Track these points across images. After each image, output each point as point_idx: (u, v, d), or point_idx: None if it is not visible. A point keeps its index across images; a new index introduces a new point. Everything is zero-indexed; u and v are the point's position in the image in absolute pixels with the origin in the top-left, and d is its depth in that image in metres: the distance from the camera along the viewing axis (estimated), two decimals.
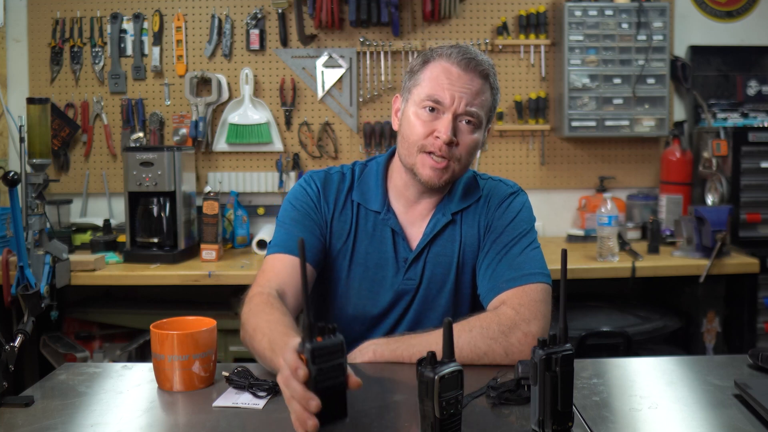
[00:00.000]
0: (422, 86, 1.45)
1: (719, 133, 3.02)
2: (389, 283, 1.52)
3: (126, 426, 1.09)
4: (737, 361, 1.36)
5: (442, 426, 0.93)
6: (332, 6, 3.11)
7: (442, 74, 1.43)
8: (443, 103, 1.42)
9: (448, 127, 1.41)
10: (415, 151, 1.45)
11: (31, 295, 1.51)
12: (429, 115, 1.43)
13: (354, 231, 1.53)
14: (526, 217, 1.53)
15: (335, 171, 1.59)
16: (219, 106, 3.26)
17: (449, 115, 1.42)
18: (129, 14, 3.23)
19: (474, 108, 1.43)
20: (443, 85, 1.42)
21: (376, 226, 1.53)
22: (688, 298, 2.86)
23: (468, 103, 1.42)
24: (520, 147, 3.33)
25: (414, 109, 1.45)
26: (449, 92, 1.42)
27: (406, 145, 1.47)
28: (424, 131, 1.43)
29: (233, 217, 3.10)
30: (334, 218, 1.54)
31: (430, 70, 1.45)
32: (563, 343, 1.00)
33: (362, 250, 1.53)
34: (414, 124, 1.45)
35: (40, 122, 2.53)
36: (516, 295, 1.39)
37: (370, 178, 1.56)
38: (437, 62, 1.45)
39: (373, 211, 1.54)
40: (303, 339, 0.95)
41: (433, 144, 1.43)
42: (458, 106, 1.42)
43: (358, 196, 1.55)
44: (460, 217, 1.54)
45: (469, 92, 1.42)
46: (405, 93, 1.51)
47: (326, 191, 1.55)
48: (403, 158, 1.49)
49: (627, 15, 3.12)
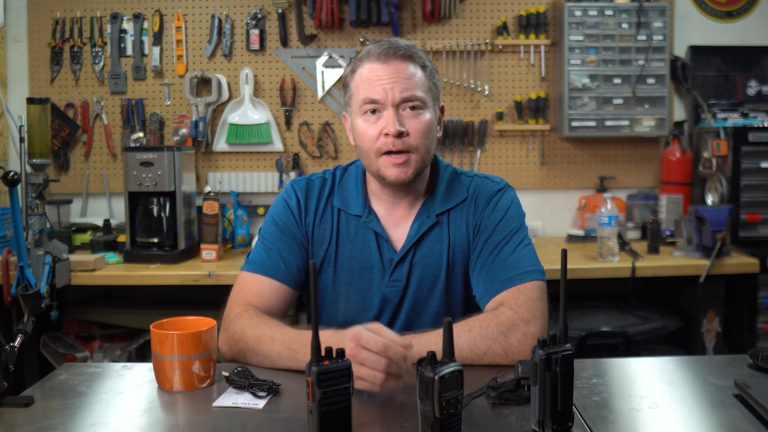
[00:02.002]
0: (357, 93, 1.46)
1: (719, 133, 3.02)
2: (376, 286, 1.52)
3: (126, 426, 1.09)
4: (737, 361, 1.36)
5: (441, 426, 0.93)
6: (332, 6, 3.11)
7: (369, 74, 1.44)
8: (378, 100, 1.43)
9: (391, 120, 1.42)
10: (374, 157, 1.45)
11: (31, 295, 1.51)
12: (373, 117, 1.44)
13: (336, 236, 1.53)
14: (515, 214, 1.52)
15: (317, 177, 1.59)
16: (219, 106, 3.26)
17: (390, 110, 1.42)
18: (129, 14, 3.23)
19: (410, 92, 1.43)
20: (372, 83, 1.43)
21: (358, 230, 1.53)
22: (688, 298, 2.86)
23: (401, 89, 1.42)
24: (520, 147, 3.33)
25: (358, 118, 1.47)
26: (380, 87, 1.42)
27: (364, 154, 1.48)
28: (373, 134, 1.44)
29: (233, 217, 3.11)
30: (315, 226, 1.54)
31: (358, 76, 1.46)
32: (563, 343, 1.00)
33: (346, 255, 1.53)
34: (363, 131, 1.45)
35: (40, 122, 2.53)
36: (513, 296, 1.39)
37: (350, 183, 1.57)
38: (361, 66, 1.46)
39: (354, 215, 1.53)
40: (309, 362, 0.96)
41: (386, 143, 1.43)
42: (393, 96, 1.42)
43: (339, 201, 1.55)
44: (446, 218, 1.53)
45: (398, 79, 1.42)
46: (347, 108, 1.52)
47: (307, 201, 1.55)
48: (368, 168, 1.50)
49: (627, 15, 3.12)
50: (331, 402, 0.95)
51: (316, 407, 0.94)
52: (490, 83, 3.28)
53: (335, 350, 0.96)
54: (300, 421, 1.06)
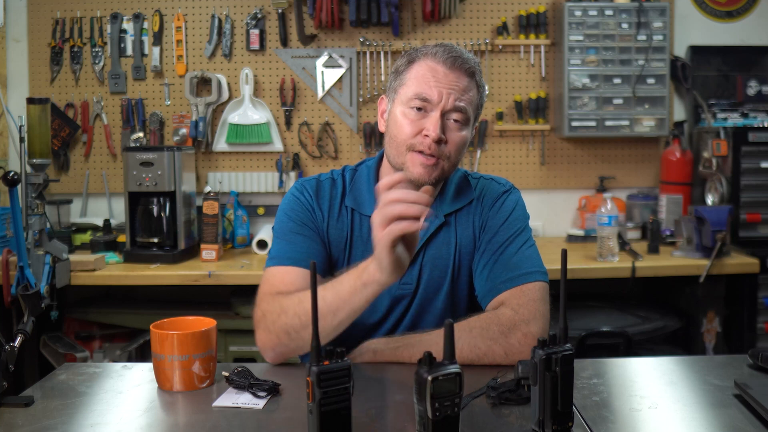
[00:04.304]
0: (408, 85, 1.44)
1: (719, 133, 3.02)
2: (386, 289, 1.51)
3: (126, 426, 1.09)
4: (737, 361, 1.36)
5: (435, 427, 0.93)
6: (332, 6, 3.11)
7: (428, 72, 1.42)
8: (431, 100, 1.41)
9: (436, 124, 1.40)
10: (404, 151, 1.43)
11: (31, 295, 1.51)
12: (417, 114, 1.42)
13: (350, 238, 1.52)
14: (520, 215, 1.52)
15: (326, 177, 1.57)
16: (219, 106, 3.26)
17: (437, 113, 1.40)
18: (129, 14, 3.23)
19: (462, 104, 1.42)
20: (430, 83, 1.41)
21: (371, 231, 1.52)
22: (688, 298, 2.86)
23: (456, 99, 1.41)
24: (520, 147, 3.33)
25: (401, 108, 1.44)
26: (436, 90, 1.41)
27: (394, 145, 1.45)
28: (412, 130, 1.42)
29: (233, 217, 3.11)
30: (329, 226, 1.52)
31: (416, 69, 1.44)
32: (563, 343, 1.00)
33: (359, 256, 1.51)
34: (402, 124, 1.43)
35: (40, 122, 2.53)
36: (514, 296, 1.39)
37: (362, 183, 1.55)
38: (423, 61, 1.44)
39: (367, 216, 1.51)
40: (310, 362, 0.96)
41: (422, 143, 1.41)
42: (446, 102, 1.41)
43: (352, 201, 1.53)
44: (454, 219, 1.53)
45: (457, 89, 1.41)
46: (391, 93, 1.49)
47: (319, 199, 1.53)
48: (392, 159, 1.47)
49: (627, 15, 3.12)
50: (331, 402, 0.95)
51: (316, 407, 0.94)
52: (490, 83, 3.28)
53: (335, 350, 0.96)
54: (300, 421, 1.07)
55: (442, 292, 1.51)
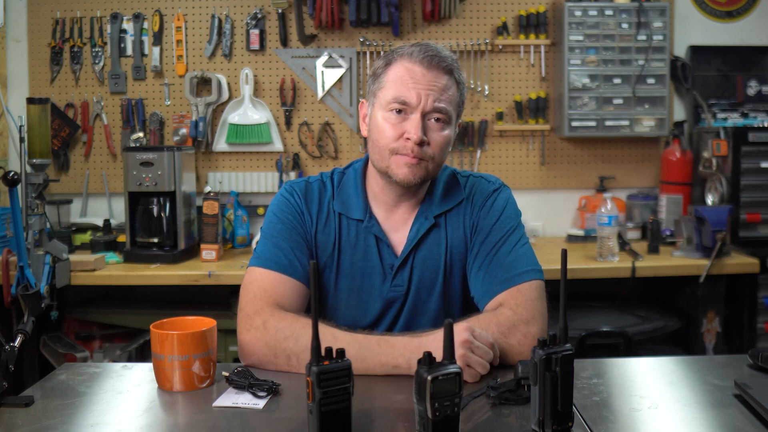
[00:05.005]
0: (387, 88, 1.43)
1: (719, 133, 3.02)
2: (377, 292, 1.50)
3: (126, 426, 1.09)
4: (737, 361, 1.36)
5: (434, 427, 0.93)
6: (332, 6, 3.11)
7: (405, 74, 1.41)
8: (410, 103, 1.40)
9: (417, 127, 1.39)
10: (387, 155, 1.42)
11: (31, 295, 1.51)
12: (397, 117, 1.41)
13: (338, 242, 1.51)
14: (511, 214, 1.52)
15: (315, 180, 1.56)
16: (219, 106, 3.26)
17: (417, 115, 1.40)
18: (129, 14, 3.23)
19: (442, 104, 1.41)
20: (408, 84, 1.40)
21: (359, 235, 1.51)
22: (688, 298, 2.86)
23: (435, 99, 1.40)
24: (520, 147, 3.33)
25: (381, 113, 1.43)
26: (415, 91, 1.40)
27: (377, 149, 1.44)
28: (393, 134, 1.41)
29: (233, 217, 3.11)
30: (318, 230, 1.51)
31: (394, 71, 1.43)
32: (563, 343, 1.00)
33: (347, 261, 1.51)
34: (383, 128, 1.42)
35: (40, 122, 2.53)
36: (512, 296, 1.39)
37: (349, 187, 1.54)
38: (400, 62, 1.43)
39: (355, 219, 1.51)
40: (310, 362, 0.96)
41: (404, 146, 1.40)
42: (425, 104, 1.40)
43: (339, 205, 1.52)
44: (444, 220, 1.52)
45: (435, 89, 1.40)
46: (370, 97, 1.48)
47: (308, 202, 1.52)
48: (376, 163, 1.46)
49: (627, 15, 3.12)
50: (331, 402, 0.95)
51: (316, 407, 0.94)
52: (490, 83, 3.28)
53: (335, 350, 0.96)
54: (300, 421, 1.07)
55: (434, 293, 1.51)
